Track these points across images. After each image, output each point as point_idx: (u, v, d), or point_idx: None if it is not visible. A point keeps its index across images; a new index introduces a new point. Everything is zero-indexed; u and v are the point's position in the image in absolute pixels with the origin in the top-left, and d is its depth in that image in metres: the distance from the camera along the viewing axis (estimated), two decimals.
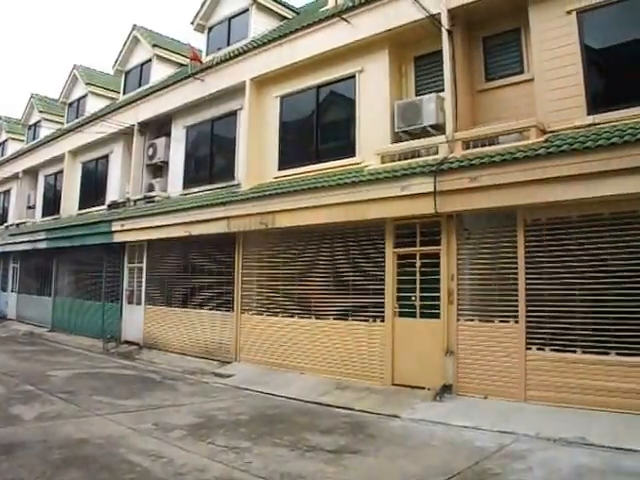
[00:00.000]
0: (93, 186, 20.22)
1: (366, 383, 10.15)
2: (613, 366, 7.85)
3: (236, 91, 14.07)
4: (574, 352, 8.21)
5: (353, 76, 11.82)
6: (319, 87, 12.50)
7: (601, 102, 8.93)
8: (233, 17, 16.55)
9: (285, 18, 16.63)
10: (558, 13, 9.39)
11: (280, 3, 16.79)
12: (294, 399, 9.63)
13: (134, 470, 5.81)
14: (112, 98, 22.87)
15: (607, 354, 7.93)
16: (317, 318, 11.31)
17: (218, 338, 13.30)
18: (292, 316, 11.80)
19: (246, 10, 16.10)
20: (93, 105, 22.56)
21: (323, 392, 9.90)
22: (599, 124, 8.68)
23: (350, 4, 11.71)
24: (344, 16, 11.65)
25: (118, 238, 16.10)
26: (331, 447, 6.81)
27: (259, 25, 15.77)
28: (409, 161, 10.13)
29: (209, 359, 13.20)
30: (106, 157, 19.65)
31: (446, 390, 9.13)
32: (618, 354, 7.84)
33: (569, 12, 9.30)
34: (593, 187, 7.79)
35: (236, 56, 14.24)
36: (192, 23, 17.46)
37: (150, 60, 19.73)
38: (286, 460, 6.29)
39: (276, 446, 6.82)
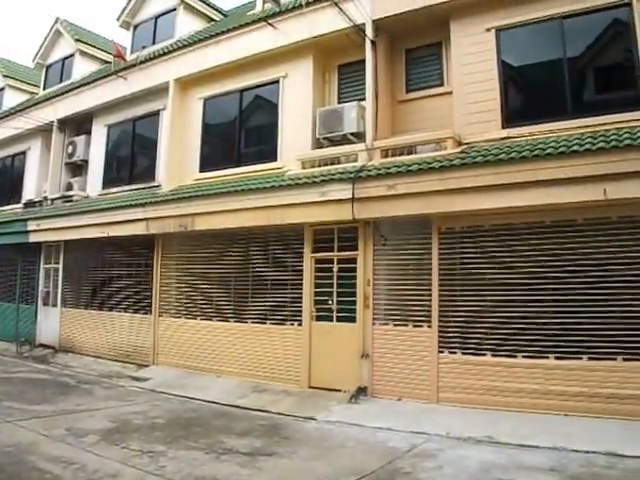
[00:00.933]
0: (8, 183, 19.31)
1: (284, 386, 10.20)
2: (519, 368, 8.27)
3: (159, 91, 13.86)
4: (484, 355, 8.58)
5: (277, 81, 11.90)
6: (243, 90, 12.51)
7: (515, 117, 9.42)
8: (160, 16, 16.23)
9: (212, 20, 16.48)
10: (478, 30, 9.81)
11: (208, 4, 16.63)
12: (212, 402, 9.55)
13: (44, 478, 5.62)
14: (32, 92, 21.88)
15: (514, 357, 8.35)
16: (236, 321, 11.27)
17: (135, 341, 13.02)
18: (211, 319, 11.71)
19: (173, 9, 15.84)
20: (11, 99, 21.57)
21: (241, 395, 9.87)
22: (512, 138, 9.15)
23: (277, 9, 11.77)
24: (271, 21, 11.71)
25: (34, 238, 15.49)
26: (246, 449, 6.80)
27: (186, 25, 15.55)
28: (329, 167, 10.29)
29: (126, 362, 12.90)
30: (23, 154, 18.83)
31: (361, 392, 9.30)
32: (524, 357, 8.29)
33: (488, 29, 9.75)
34: (504, 198, 8.18)
35: (161, 55, 14.04)
36: (118, 19, 16.98)
37: (73, 55, 19.03)
38: (201, 463, 6.25)
39: (191, 449, 6.76)
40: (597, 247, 8.04)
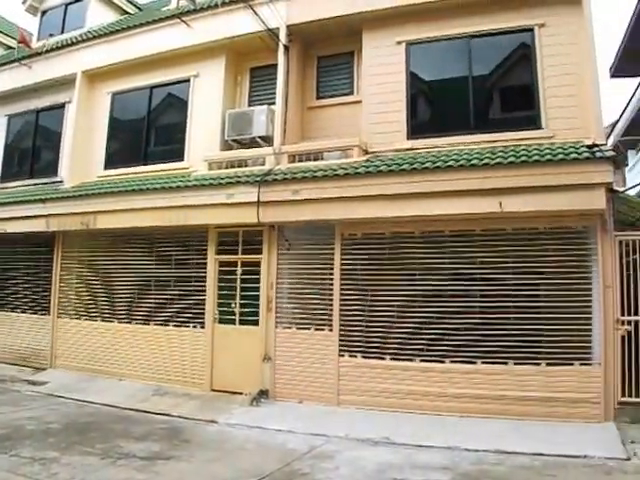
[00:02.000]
0: None
1: (186, 389, 10.07)
2: (417, 372, 8.60)
3: (66, 83, 13.26)
4: (383, 359, 8.84)
5: (188, 80, 11.71)
6: (153, 87, 12.21)
7: (420, 129, 9.78)
8: (70, 3, 15.45)
9: (126, 12, 15.97)
10: (389, 42, 10.09)
11: None
12: (111, 406, 9.28)
13: None
14: None
15: (413, 361, 8.67)
16: (138, 323, 11.00)
17: (33, 343, 12.38)
18: (113, 321, 11.36)
19: None
20: None
21: (142, 398, 9.66)
22: (417, 149, 9.47)
23: (192, 7, 11.59)
24: (185, 18, 11.54)
25: None
26: (144, 454, 6.68)
27: (97, 16, 14.95)
28: (236, 170, 10.26)
29: (22, 366, 12.24)
30: None
31: (263, 395, 9.34)
32: (422, 361, 8.61)
33: (399, 43, 10.05)
34: (405, 207, 8.51)
35: (69, 45, 13.43)
36: (23, 3, 15.97)
37: None
38: (95, 469, 6.08)
39: (86, 455, 6.55)
40: (493, 256, 8.46)
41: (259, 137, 10.46)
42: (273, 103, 10.52)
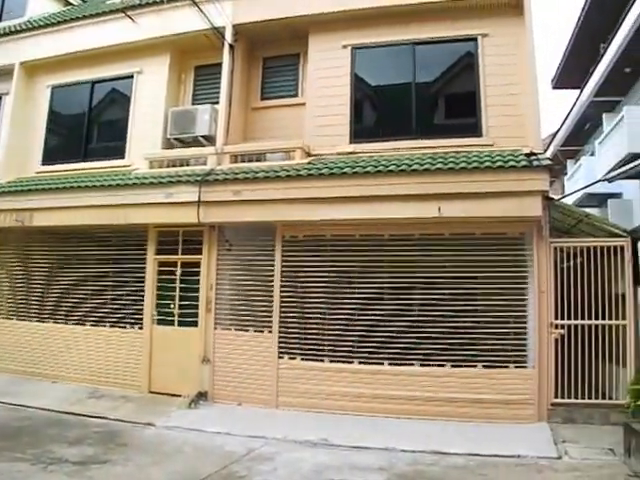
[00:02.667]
0: None
1: (123, 391, 9.87)
2: (356, 374, 8.66)
3: (3, 74, 12.73)
4: (322, 361, 8.88)
5: (131, 76, 11.47)
6: (95, 82, 11.88)
7: (363, 133, 9.88)
8: None
9: (69, 4, 15.38)
10: (334, 46, 10.13)
11: None
12: (45, 410, 8.98)
13: None
14: None
15: (351, 363, 8.74)
16: (74, 324, 10.70)
17: None
18: (48, 322, 10.99)
19: None
20: None
21: (77, 401, 9.42)
22: (359, 153, 9.53)
23: (137, 2, 11.39)
24: (129, 13, 11.31)
25: None
26: (77, 458, 6.53)
27: (39, 5, 14.34)
28: (177, 169, 10.13)
29: None
30: None
31: (202, 397, 9.26)
32: (360, 363, 8.70)
33: (345, 47, 10.11)
34: (346, 210, 8.60)
35: (7, 35, 12.91)
36: None
37: None
38: (25, 476, 5.91)
39: (16, 461, 6.35)
40: (431, 261, 8.62)
41: (202, 136, 10.34)
42: (217, 102, 10.41)
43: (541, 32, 50.02)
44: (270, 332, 9.15)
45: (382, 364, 8.59)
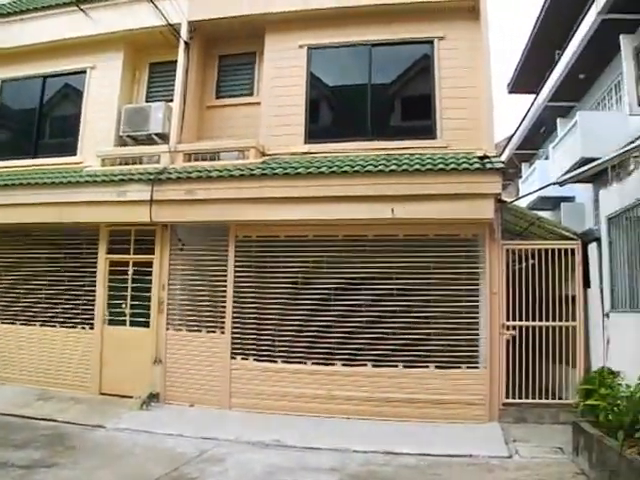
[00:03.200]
0: None
1: (73, 393, 9.67)
2: (309, 375, 8.67)
3: None
4: (275, 362, 8.85)
5: (84, 71, 11.20)
6: (47, 77, 11.57)
7: (318, 133, 9.89)
8: None
9: None
10: (291, 45, 10.11)
11: None
12: None
13: None
14: None
15: (304, 364, 8.73)
16: (23, 324, 10.42)
17: None
18: None
19: None
20: None
21: (25, 404, 9.17)
22: (314, 153, 9.52)
23: None
24: (83, 7, 11.02)
25: None
26: (24, 462, 6.34)
27: None
28: (130, 167, 9.96)
29: None
30: None
31: (154, 399, 9.13)
32: (314, 364, 8.70)
33: (301, 46, 10.09)
34: (299, 210, 8.58)
35: None
36: None
37: None
38: None
39: None
40: (384, 262, 8.67)
41: (155, 134, 10.19)
42: (172, 100, 10.29)
43: (499, 37, 50.89)
44: (223, 333, 9.08)
45: (335, 365, 8.61)
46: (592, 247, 8.76)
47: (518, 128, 19.88)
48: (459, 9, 9.62)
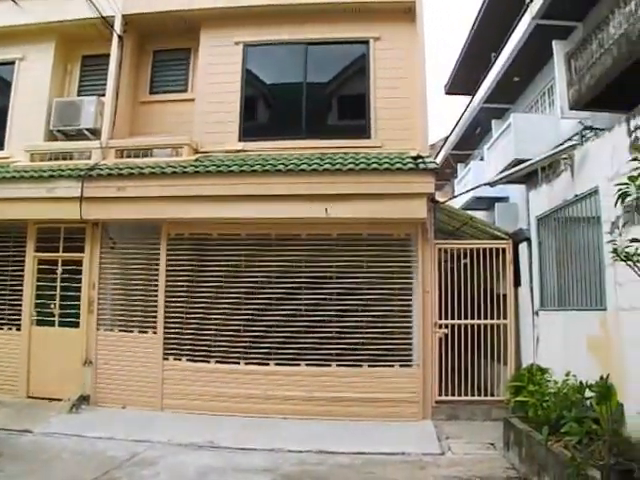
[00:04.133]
0: None
1: None
2: (243, 374, 8.63)
3: None
4: (208, 362, 8.75)
5: (13, 62, 10.81)
6: None
7: (253, 131, 9.86)
8: None
9: None
10: (226, 42, 10.03)
11: None
12: None
13: None
14: None
15: (238, 364, 8.68)
16: None
17: None
18: None
19: None
20: None
21: None
22: (248, 151, 9.49)
23: None
24: None
25: None
26: None
27: None
28: (60, 163, 9.67)
29: None
30: None
31: (84, 401, 8.90)
32: (247, 364, 8.66)
33: (237, 43, 10.03)
34: (232, 209, 8.54)
35: None
36: None
37: None
38: None
39: None
40: (318, 261, 8.70)
41: (87, 129, 9.94)
42: (104, 94, 10.06)
43: (439, 40, 51.87)
44: (155, 333, 8.94)
45: (268, 364, 8.60)
46: (522, 247, 8.95)
47: (454, 129, 20.27)
48: (396, 10, 9.73)
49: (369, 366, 8.43)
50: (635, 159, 4.08)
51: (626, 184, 4.15)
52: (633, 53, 8.39)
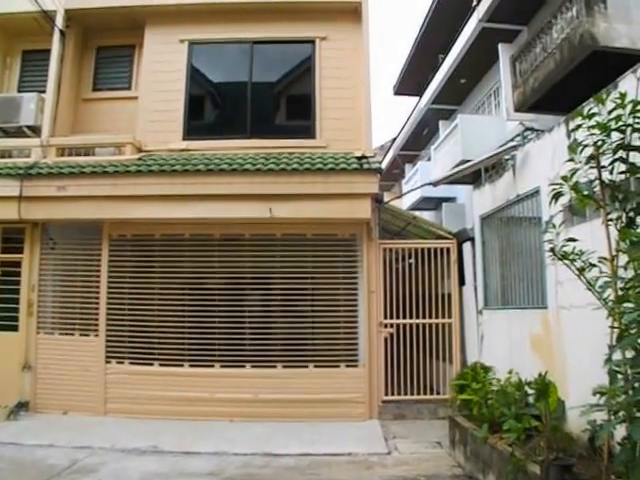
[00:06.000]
0: None
1: None
2: (187, 377, 8.49)
3: None
4: (151, 365, 8.60)
5: None
6: None
7: (197, 130, 9.76)
8: None
9: None
10: (171, 39, 9.90)
11: None
12: None
13: None
14: None
15: (182, 367, 8.55)
16: None
17: None
18: None
19: None
20: None
21: None
22: (192, 150, 9.38)
23: None
24: None
25: None
26: None
27: None
28: None
29: None
30: None
31: (23, 408, 8.62)
32: (191, 366, 8.54)
33: (182, 41, 9.91)
34: (175, 209, 8.40)
35: None
36: None
37: None
38: None
39: None
40: (263, 262, 8.68)
41: (27, 126, 9.64)
42: (45, 91, 9.78)
43: (388, 40, 52.40)
44: (97, 336, 8.74)
45: (212, 367, 8.50)
46: (466, 246, 9.07)
47: (402, 129, 20.45)
48: (342, 11, 9.77)
49: (315, 367, 8.42)
50: (571, 160, 4.14)
51: (560, 184, 4.22)
52: (575, 57, 8.64)
